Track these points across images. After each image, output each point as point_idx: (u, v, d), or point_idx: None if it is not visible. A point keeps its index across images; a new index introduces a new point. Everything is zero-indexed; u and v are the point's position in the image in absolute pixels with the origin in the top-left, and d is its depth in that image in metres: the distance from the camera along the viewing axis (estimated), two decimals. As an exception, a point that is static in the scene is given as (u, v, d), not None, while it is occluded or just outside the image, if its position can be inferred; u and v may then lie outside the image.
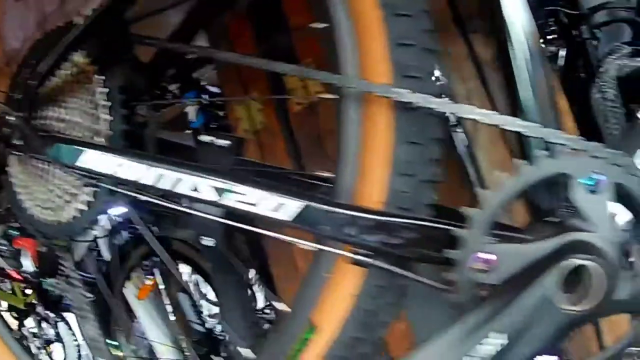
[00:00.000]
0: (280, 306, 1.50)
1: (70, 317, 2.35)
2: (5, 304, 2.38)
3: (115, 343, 1.98)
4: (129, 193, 0.84)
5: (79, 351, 2.44)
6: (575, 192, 0.65)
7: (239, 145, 0.86)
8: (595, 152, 0.66)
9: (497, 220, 0.68)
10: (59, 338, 2.47)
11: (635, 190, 0.66)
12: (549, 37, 1.32)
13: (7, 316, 2.35)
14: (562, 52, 1.31)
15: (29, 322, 2.46)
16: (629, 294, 0.66)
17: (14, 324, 2.41)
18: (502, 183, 0.67)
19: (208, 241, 0.87)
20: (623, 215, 0.70)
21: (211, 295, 1.95)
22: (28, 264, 1.94)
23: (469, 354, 0.65)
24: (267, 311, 1.73)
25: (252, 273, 1.59)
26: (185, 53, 0.82)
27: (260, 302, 1.71)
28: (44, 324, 2.46)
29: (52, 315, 2.44)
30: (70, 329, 2.44)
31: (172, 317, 1.95)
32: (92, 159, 0.82)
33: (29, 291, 2.34)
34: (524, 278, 0.65)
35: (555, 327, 0.65)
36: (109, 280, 1.86)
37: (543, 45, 1.22)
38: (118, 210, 1.64)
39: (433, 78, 0.74)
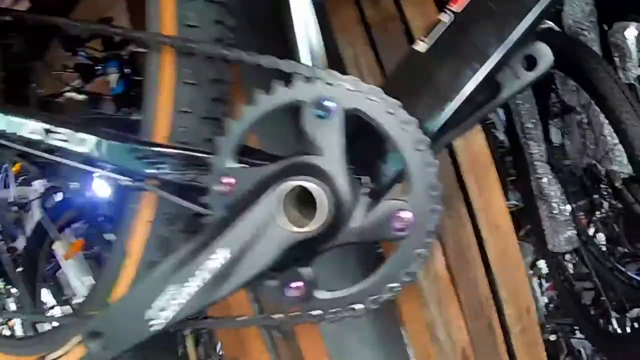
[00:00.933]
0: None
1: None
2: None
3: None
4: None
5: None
6: (306, 118, 0.58)
7: (94, 100, 0.86)
8: (329, 80, 0.58)
9: (243, 145, 0.63)
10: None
11: (374, 115, 0.58)
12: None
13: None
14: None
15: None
16: (370, 222, 0.58)
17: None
18: (242, 112, 0.61)
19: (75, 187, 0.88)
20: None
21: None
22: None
23: (201, 268, 0.61)
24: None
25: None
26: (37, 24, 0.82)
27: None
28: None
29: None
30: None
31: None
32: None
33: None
34: (251, 198, 0.59)
35: (280, 247, 0.57)
36: (39, 240, 1.76)
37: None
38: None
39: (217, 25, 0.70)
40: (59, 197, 1.73)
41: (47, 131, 0.74)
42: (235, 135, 0.61)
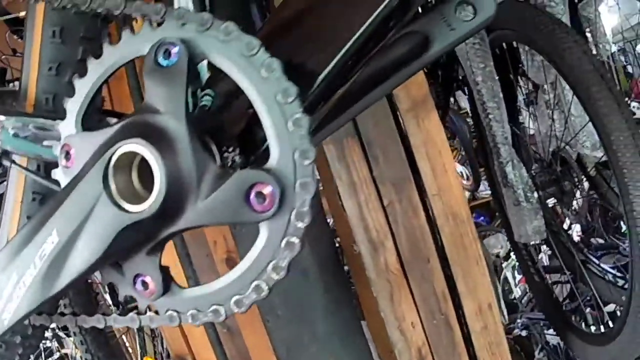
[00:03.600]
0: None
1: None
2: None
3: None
4: None
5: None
6: (146, 67, 0.43)
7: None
8: (179, 20, 0.43)
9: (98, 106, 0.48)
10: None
11: (223, 58, 0.41)
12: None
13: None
14: None
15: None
16: (222, 199, 0.41)
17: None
18: (90, 66, 0.47)
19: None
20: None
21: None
22: None
23: (34, 254, 0.46)
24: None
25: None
26: None
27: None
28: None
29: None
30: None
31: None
32: None
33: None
34: (83, 169, 0.45)
35: (112, 230, 0.42)
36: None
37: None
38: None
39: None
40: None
41: None
42: (81, 95, 0.47)
